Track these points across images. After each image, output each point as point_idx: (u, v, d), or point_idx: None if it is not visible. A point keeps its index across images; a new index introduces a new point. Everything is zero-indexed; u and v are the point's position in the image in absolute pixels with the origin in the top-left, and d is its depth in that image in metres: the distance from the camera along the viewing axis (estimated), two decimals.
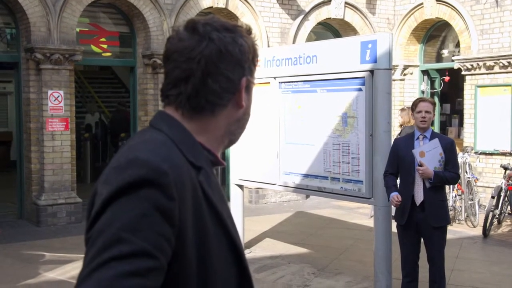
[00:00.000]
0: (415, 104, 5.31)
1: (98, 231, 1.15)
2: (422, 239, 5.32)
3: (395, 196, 5.18)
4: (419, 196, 5.13)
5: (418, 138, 5.26)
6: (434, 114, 5.39)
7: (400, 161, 5.27)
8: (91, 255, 1.12)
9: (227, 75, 1.33)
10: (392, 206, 5.49)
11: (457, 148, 10.50)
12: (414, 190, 5.15)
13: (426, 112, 5.19)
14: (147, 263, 1.12)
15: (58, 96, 9.43)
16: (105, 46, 10.86)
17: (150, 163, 1.19)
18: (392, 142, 5.65)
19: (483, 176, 11.06)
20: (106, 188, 1.18)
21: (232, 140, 1.45)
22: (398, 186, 5.40)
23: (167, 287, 1.20)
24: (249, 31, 1.41)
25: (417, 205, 5.14)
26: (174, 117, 1.35)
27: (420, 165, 5.06)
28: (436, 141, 5.14)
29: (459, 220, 9.55)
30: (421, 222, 5.15)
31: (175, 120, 1.34)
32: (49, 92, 9.35)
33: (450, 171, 5.14)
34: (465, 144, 11.32)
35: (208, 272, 1.28)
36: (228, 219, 1.35)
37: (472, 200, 9.61)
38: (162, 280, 1.16)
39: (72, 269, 6.82)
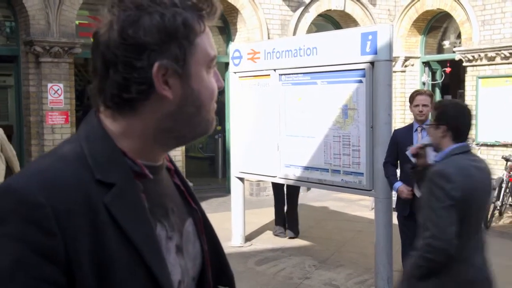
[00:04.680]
0: (412, 97, 5.32)
1: None
2: None
3: (404, 188, 5.15)
4: (418, 189, 5.14)
5: (416, 130, 5.28)
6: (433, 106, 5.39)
7: (399, 152, 5.28)
8: None
9: (130, 63, 1.08)
10: (393, 198, 5.51)
11: None
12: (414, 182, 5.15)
13: (424, 105, 5.20)
14: None
15: (58, 89, 9.41)
16: None
17: (21, 193, 1.01)
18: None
19: None
20: None
21: (178, 139, 1.20)
22: (398, 176, 5.43)
23: None
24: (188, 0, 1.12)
25: (418, 197, 5.15)
26: (97, 118, 1.16)
27: None
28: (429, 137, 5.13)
29: None
30: None
31: (96, 123, 1.15)
32: (49, 85, 9.34)
33: None
34: None
35: None
36: (145, 244, 1.10)
37: None
38: None
39: None
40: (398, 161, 5.39)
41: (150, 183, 1.17)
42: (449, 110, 3.25)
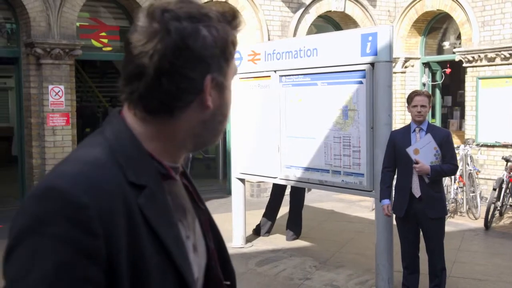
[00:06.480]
0: (410, 98, 5.34)
1: (11, 280, 1.01)
2: (421, 231, 5.36)
3: (386, 207, 5.34)
4: (417, 189, 5.17)
5: (414, 130, 5.29)
6: (430, 107, 5.42)
7: (397, 154, 5.30)
8: None
9: (186, 73, 1.12)
10: (392, 198, 5.53)
11: (458, 140, 10.51)
12: (412, 183, 5.18)
13: (422, 106, 5.21)
14: None
15: (59, 91, 9.43)
16: (105, 40, 10.85)
17: (67, 194, 1.02)
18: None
19: (485, 168, 11.04)
20: (19, 221, 1.03)
21: (199, 144, 1.24)
22: (396, 179, 5.44)
23: None
24: (227, 16, 1.18)
25: (416, 197, 5.18)
26: (124, 120, 1.18)
27: (416, 163, 5.08)
28: (428, 136, 5.16)
29: (460, 212, 9.54)
30: (419, 213, 5.19)
31: (123, 125, 1.17)
32: (50, 87, 9.36)
33: (448, 163, 5.16)
34: (466, 136, 11.30)
35: None
36: (175, 246, 1.14)
37: (473, 192, 9.60)
38: None
39: None
40: (396, 163, 5.39)
41: (172, 184, 1.22)
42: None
